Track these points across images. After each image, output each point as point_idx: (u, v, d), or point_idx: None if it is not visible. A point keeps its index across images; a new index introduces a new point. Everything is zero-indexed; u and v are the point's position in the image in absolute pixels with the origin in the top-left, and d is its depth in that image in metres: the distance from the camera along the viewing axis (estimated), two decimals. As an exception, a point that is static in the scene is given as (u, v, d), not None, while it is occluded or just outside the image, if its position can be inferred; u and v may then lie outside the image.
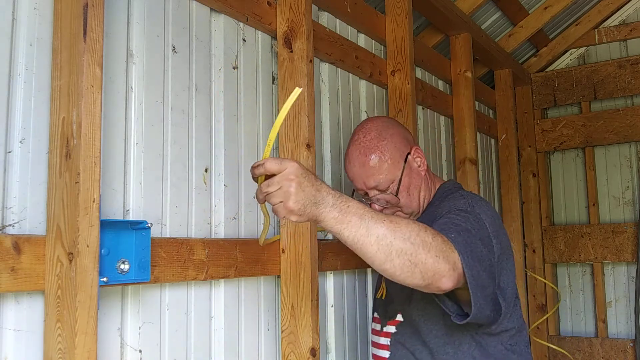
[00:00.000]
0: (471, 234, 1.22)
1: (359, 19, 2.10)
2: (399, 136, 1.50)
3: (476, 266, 1.16)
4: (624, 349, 3.34)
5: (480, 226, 1.28)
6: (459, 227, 1.23)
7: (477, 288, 1.16)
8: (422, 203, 1.52)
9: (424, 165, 1.52)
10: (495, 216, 1.37)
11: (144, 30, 1.32)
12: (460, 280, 1.13)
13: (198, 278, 1.35)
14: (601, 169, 3.62)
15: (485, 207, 1.37)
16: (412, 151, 1.50)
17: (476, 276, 1.15)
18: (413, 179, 1.49)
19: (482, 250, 1.22)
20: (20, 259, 0.99)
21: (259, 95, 1.67)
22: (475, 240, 1.21)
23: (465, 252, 1.15)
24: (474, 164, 2.74)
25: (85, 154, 1.01)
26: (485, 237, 1.27)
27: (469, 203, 1.37)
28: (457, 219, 1.27)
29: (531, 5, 3.21)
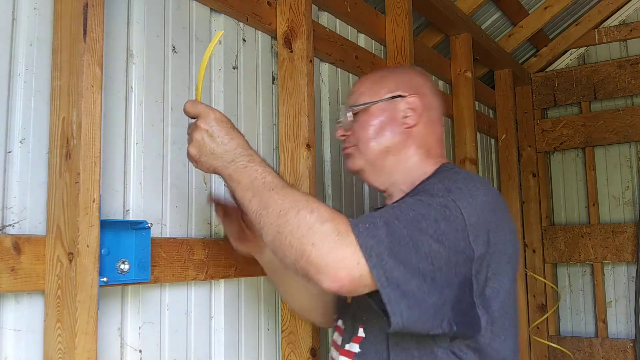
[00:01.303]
0: (414, 225, 0.95)
1: (359, 19, 2.10)
2: (409, 79, 1.24)
3: (398, 265, 0.90)
4: (624, 349, 3.34)
5: (445, 215, 0.98)
6: (394, 216, 0.96)
7: (396, 295, 0.90)
8: (389, 165, 1.20)
9: (414, 122, 1.19)
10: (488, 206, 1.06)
11: (144, 30, 1.32)
12: (359, 283, 0.90)
13: (198, 278, 1.35)
14: (601, 169, 3.62)
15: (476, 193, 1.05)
16: (410, 98, 1.20)
17: (394, 280, 0.90)
18: (387, 122, 1.19)
19: (424, 243, 0.93)
20: (20, 259, 0.99)
21: (259, 95, 1.67)
22: (416, 233, 0.94)
23: (379, 248, 0.90)
24: (474, 164, 2.75)
25: (85, 154, 1.01)
26: (441, 227, 0.97)
27: (448, 187, 1.05)
28: (406, 206, 0.99)
29: (531, 5, 3.21)
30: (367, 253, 0.89)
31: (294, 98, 1.62)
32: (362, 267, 0.89)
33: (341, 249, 0.89)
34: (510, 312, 1.09)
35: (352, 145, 1.22)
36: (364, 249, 0.89)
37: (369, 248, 0.89)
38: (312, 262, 0.89)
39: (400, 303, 0.91)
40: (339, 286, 0.89)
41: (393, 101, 1.20)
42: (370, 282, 0.90)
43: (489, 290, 1.04)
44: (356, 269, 0.89)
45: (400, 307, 0.91)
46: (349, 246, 0.89)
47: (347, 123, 1.23)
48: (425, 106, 1.20)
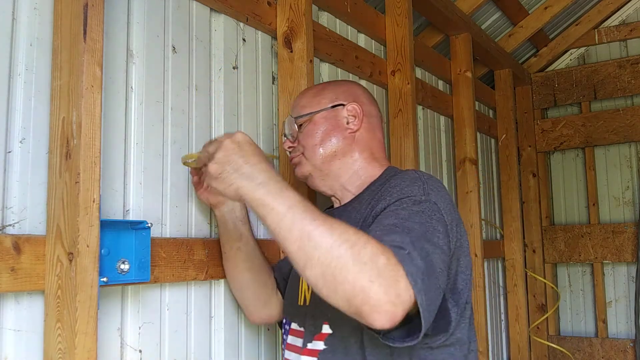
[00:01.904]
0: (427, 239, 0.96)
1: (359, 19, 2.10)
2: (347, 90, 1.30)
3: (431, 286, 0.90)
4: (624, 349, 3.34)
5: (437, 220, 1.01)
6: (413, 233, 0.95)
7: (429, 311, 0.90)
8: (335, 169, 1.24)
9: (356, 127, 1.25)
10: (450, 200, 1.10)
11: (144, 30, 1.32)
12: (403, 315, 0.85)
13: (198, 278, 1.35)
14: (601, 169, 3.62)
15: (442, 191, 1.10)
16: (349, 105, 1.25)
17: (430, 299, 0.90)
18: (331, 128, 1.24)
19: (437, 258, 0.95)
20: (20, 259, 0.99)
21: (259, 95, 1.67)
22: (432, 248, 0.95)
23: (420, 274, 0.88)
24: (474, 164, 2.74)
25: (85, 154, 1.01)
26: (441, 235, 1.00)
27: (424, 189, 1.06)
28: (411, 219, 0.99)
29: (531, 5, 3.21)
30: (413, 280, 0.86)
31: (294, 98, 1.62)
32: (411, 297, 0.85)
33: (397, 286, 0.84)
34: (471, 300, 1.16)
35: (299, 153, 1.28)
36: (412, 279, 0.85)
37: (414, 275, 0.86)
38: (368, 298, 0.83)
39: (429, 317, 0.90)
40: (393, 322, 0.84)
41: (335, 109, 1.26)
42: (411, 307, 0.86)
43: (461, 283, 1.08)
44: (408, 301, 0.85)
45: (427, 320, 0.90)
46: (402, 281, 0.85)
47: (292, 134, 1.30)
48: (365, 113, 1.27)
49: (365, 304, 0.83)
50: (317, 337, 1.16)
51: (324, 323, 1.16)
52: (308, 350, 1.17)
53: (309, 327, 1.19)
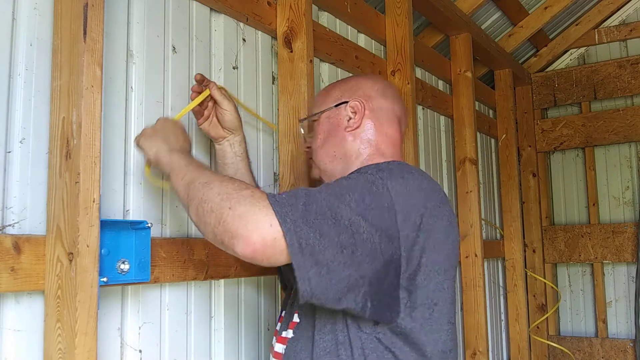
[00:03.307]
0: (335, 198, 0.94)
1: (359, 19, 2.10)
2: (353, 85, 1.26)
3: (313, 236, 0.89)
4: (624, 349, 3.34)
5: (369, 191, 0.97)
6: (314, 190, 0.95)
7: (307, 261, 0.88)
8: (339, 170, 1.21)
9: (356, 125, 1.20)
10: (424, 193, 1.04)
11: (144, 30, 1.32)
12: (278, 250, 0.88)
13: (198, 278, 1.35)
14: (601, 169, 3.62)
15: (405, 176, 1.04)
16: (352, 102, 1.21)
17: (308, 248, 0.88)
18: (332, 128, 1.22)
19: (349, 220, 0.92)
20: (20, 259, 0.99)
21: (259, 95, 1.67)
22: (335, 205, 0.93)
23: (291, 214, 0.89)
24: (474, 164, 2.74)
25: (85, 154, 1.01)
26: (374, 207, 0.95)
27: (377, 167, 1.06)
28: (330, 184, 1.00)
29: (531, 5, 3.21)
30: (282, 218, 0.88)
31: (294, 98, 1.62)
32: (275, 231, 0.88)
33: (255, 213, 0.89)
34: (443, 305, 1.06)
35: (311, 156, 1.28)
36: (279, 214, 0.89)
37: (284, 214, 0.89)
38: (227, 226, 0.90)
39: (309, 270, 0.89)
40: (252, 250, 0.88)
41: (338, 108, 1.23)
42: (284, 248, 0.88)
43: (421, 276, 1.01)
44: (269, 233, 0.88)
45: (309, 274, 0.89)
46: (263, 209, 0.90)
47: (303, 136, 1.33)
48: (369, 108, 1.21)
49: (225, 230, 0.91)
50: (290, 325, 1.16)
51: (295, 312, 1.15)
52: (281, 338, 1.17)
53: (287, 316, 1.19)
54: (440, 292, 1.05)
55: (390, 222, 0.96)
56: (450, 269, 1.08)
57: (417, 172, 1.10)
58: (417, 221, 1.00)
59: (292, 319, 1.15)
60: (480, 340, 2.64)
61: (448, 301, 1.08)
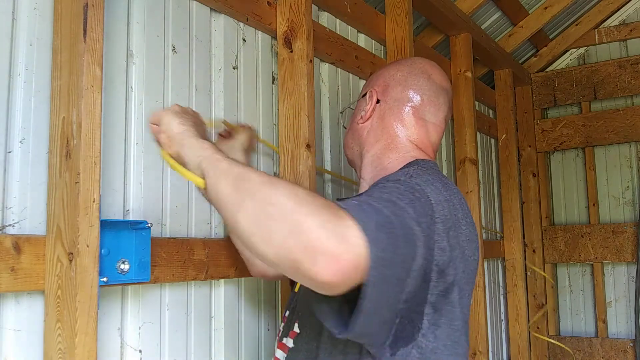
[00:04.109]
0: (393, 204, 0.81)
1: (359, 19, 2.10)
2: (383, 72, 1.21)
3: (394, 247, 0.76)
4: (624, 349, 3.34)
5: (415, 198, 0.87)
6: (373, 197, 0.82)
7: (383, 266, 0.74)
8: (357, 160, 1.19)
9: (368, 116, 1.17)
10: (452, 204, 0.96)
11: (144, 30, 1.32)
12: (354, 272, 0.70)
13: (198, 278, 1.34)
14: (601, 169, 3.62)
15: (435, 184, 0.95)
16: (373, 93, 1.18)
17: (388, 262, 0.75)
18: (353, 120, 1.21)
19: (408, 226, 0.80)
20: (20, 259, 0.99)
21: (259, 95, 1.67)
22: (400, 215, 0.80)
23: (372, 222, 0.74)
24: (474, 164, 2.74)
25: (85, 154, 1.01)
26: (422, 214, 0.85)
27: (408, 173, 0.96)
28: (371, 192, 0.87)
29: (531, 5, 3.21)
30: (364, 227, 0.71)
31: (294, 98, 1.62)
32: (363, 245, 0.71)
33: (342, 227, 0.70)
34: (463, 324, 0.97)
35: None
36: (360, 222, 0.72)
37: (366, 223, 0.72)
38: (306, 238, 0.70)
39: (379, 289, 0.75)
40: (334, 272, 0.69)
41: (363, 98, 1.23)
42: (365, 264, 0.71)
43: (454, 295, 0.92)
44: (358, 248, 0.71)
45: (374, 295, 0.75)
46: (349, 221, 0.71)
47: None
48: (384, 98, 1.16)
49: (306, 244, 0.69)
50: (290, 333, 1.09)
51: (295, 321, 1.08)
52: (282, 345, 1.11)
53: (289, 321, 1.12)
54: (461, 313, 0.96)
55: (430, 233, 0.87)
56: (470, 287, 1.01)
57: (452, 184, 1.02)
58: (454, 234, 0.92)
59: (293, 327, 1.08)
60: (480, 340, 2.65)
61: (466, 320, 0.99)
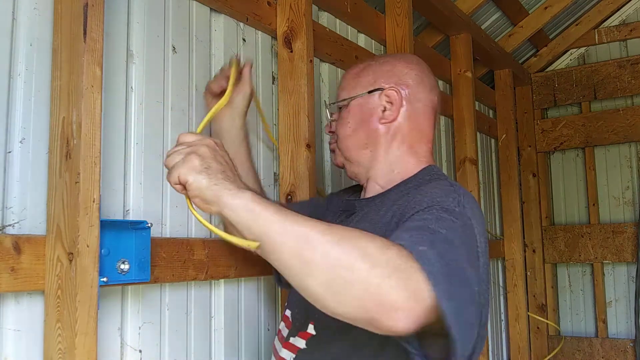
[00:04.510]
0: (454, 247, 0.83)
1: (359, 19, 2.10)
2: (390, 70, 1.16)
3: (461, 295, 0.79)
4: (624, 349, 3.34)
5: (468, 237, 0.89)
6: (437, 236, 0.83)
7: (462, 326, 0.78)
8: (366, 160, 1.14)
9: (392, 117, 1.12)
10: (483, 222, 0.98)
11: (144, 30, 1.32)
12: (427, 317, 0.75)
13: (198, 278, 1.34)
14: (601, 169, 3.62)
15: (476, 209, 0.97)
16: (388, 91, 1.13)
17: (460, 309, 0.78)
18: (365, 118, 1.14)
19: (469, 273, 0.84)
20: (20, 259, 0.99)
21: (259, 95, 1.67)
22: (459, 258, 0.83)
23: (441, 273, 0.76)
24: (474, 164, 2.74)
25: (85, 154, 1.01)
26: (472, 254, 0.88)
27: (459, 201, 0.94)
28: (437, 223, 0.86)
29: (531, 5, 3.21)
30: (433, 278, 0.74)
31: (294, 98, 1.62)
32: (432, 297, 0.74)
33: (413, 278, 0.74)
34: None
35: (334, 141, 1.20)
36: (431, 276, 0.74)
37: (434, 273, 0.75)
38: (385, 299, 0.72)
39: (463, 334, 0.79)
40: (414, 321, 0.73)
41: (371, 95, 1.14)
42: (434, 314, 0.75)
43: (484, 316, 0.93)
44: (429, 299, 0.74)
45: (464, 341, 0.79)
46: (417, 273, 0.74)
47: (330, 119, 1.22)
48: (407, 98, 1.13)
49: (381, 304, 0.72)
50: (301, 334, 1.07)
51: (310, 323, 1.06)
52: (289, 344, 1.09)
53: (297, 321, 1.11)
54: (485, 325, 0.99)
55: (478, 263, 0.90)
56: None
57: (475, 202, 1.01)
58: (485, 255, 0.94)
59: (306, 329, 1.07)
60: (480, 340, 2.64)
61: None
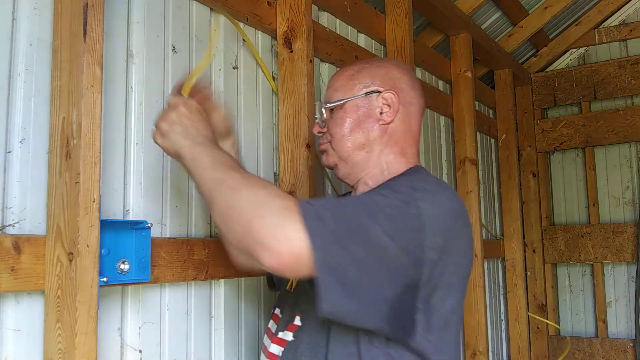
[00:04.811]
0: (367, 217, 0.92)
1: (359, 19, 2.10)
2: (385, 73, 1.20)
3: (340, 255, 0.88)
4: (624, 349, 3.34)
5: (402, 213, 0.95)
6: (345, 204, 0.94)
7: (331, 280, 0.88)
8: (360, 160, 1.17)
9: (390, 119, 1.16)
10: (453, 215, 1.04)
11: (144, 30, 1.32)
12: (304, 264, 0.87)
13: (198, 278, 1.35)
14: (601, 169, 3.62)
15: (438, 198, 1.03)
16: (385, 93, 1.16)
17: (334, 266, 0.88)
18: (362, 119, 1.16)
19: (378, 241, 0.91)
20: (20, 259, 0.99)
21: (258, 95, 1.67)
22: (366, 225, 0.91)
23: (321, 229, 0.87)
24: (474, 164, 2.74)
25: (85, 154, 1.01)
26: (404, 229, 0.94)
27: (412, 186, 1.03)
28: (361, 198, 0.99)
29: (531, 5, 3.21)
30: (312, 234, 0.86)
31: (294, 98, 1.62)
32: (305, 247, 0.86)
33: (286, 225, 0.87)
34: (454, 326, 1.05)
35: (327, 141, 1.21)
36: (309, 230, 0.86)
37: (315, 229, 0.87)
38: (256, 235, 0.88)
39: (334, 289, 0.88)
40: (278, 263, 0.86)
41: (368, 97, 1.17)
42: (309, 263, 0.87)
43: (437, 299, 0.99)
44: (298, 248, 0.86)
45: (333, 293, 0.88)
46: (294, 223, 0.87)
47: (322, 120, 1.22)
48: (402, 102, 1.17)
49: (254, 240, 0.87)
50: (289, 327, 1.13)
51: (297, 315, 1.13)
52: (278, 339, 1.14)
53: (286, 316, 1.17)
54: (452, 314, 1.03)
55: (418, 246, 0.95)
56: (463, 289, 1.07)
57: (449, 191, 1.08)
58: (442, 245, 0.98)
59: (293, 321, 1.13)
60: (480, 340, 2.65)
61: (458, 322, 1.07)
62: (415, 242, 0.95)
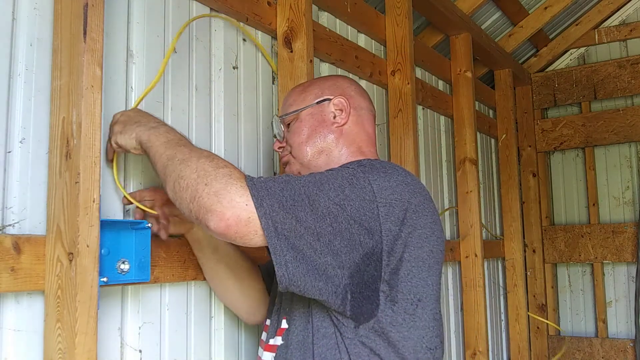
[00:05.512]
0: (314, 186, 0.96)
1: (359, 19, 2.10)
2: (333, 84, 1.28)
3: (289, 221, 0.91)
4: (624, 349, 3.34)
5: (350, 183, 0.99)
6: (293, 177, 0.98)
7: (282, 245, 0.91)
8: (322, 164, 1.21)
9: (343, 121, 1.22)
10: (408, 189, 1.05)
11: (144, 30, 1.32)
12: (252, 230, 0.91)
13: (198, 278, 1.35)
14: (601, 169, 3.62)
15: (388, 172, 1.06)
16: (336, 99, 1.23)
17: (284, 232, 0.91)
18: (318, 125, 1.22)
19: (327, 209, 0.94)
20: (20, 259, 0.99)
21: (259, 95, 1.67)
22: (314, 194, 0.95)
23: (267, 197, 0.91)
24: (474, 164, 2.74)
25: (85, 154, 1.01)
26: (353, 199, 0.97)
27: (359, 163, 1.10)
28: (311, 174, 1.03)
29: (531, 5, 3.21)
30: (258, 200, 0.91)
31: (287, 97, 1.62)
32: (250, 211, 0.90)
33: (231, 191, 0.91)
34: (427, 301, 1.06)
35: (287, 153, 1.26)
36: (255, 196, 0.91)
37: (261, 196, 0.91)
38: (202, 201, 0.92)
39: (286, 254, 0.91)
40: (225, 226, 0.90)
41: (320, 105, 1.24)
42: (259, 229, 0.91)
43: (404, 270, 1.02)
44: (244, 212, 0.90)
45: (285, 258, 0.91)
46: (239, 189, 0.91)
47: (280, 134, 1.28)
48: (352, 106, 1.24)
49: (200, 205, 0.92)
50: (277, 332, 1.15)
51: (283, 318, 1.15)
52: (269, 346, 1.17)
53: (273, 323, 1.19)
54: (424, 288, 1.05)
55: (371, 215, 0.98)
56: (435, 265, 1.09)
57: (401, 169, 1.11)
58: (401, 216, 1.01)
59: (280, 325, 1.15)
60: (480, 340, 2.65)
61: (433, 298, 1.08)
62: (366, 211, 0.98)
